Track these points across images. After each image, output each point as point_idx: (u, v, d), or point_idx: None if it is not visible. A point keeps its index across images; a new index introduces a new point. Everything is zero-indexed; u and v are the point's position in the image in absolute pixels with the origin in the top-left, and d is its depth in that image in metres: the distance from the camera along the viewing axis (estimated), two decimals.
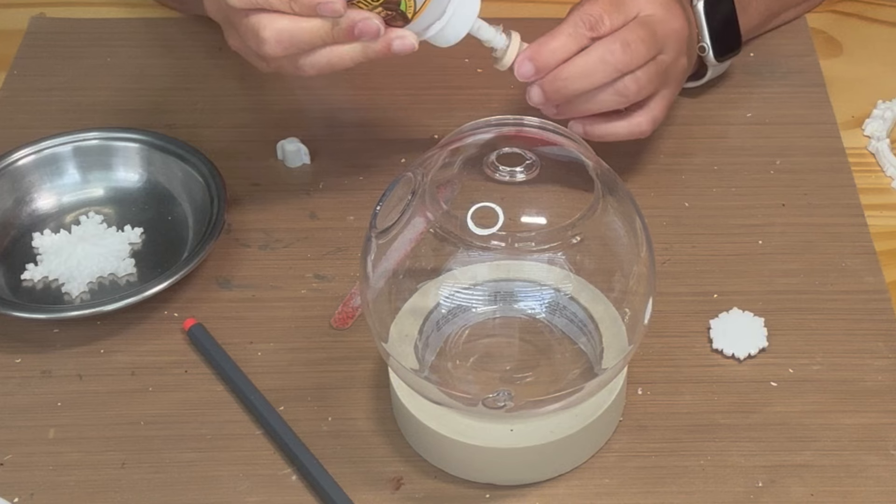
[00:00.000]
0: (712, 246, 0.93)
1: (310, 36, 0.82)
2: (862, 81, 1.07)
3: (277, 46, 0.82)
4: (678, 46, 0.92)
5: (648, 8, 0.90)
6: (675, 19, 0.91)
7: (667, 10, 0.91)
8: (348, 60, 0.84)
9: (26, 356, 0.87)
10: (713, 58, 1.00)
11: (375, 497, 0.78)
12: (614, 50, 0.87)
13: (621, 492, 0.79)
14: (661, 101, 0.93)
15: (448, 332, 0.81)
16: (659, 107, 0.93)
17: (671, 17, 0.91)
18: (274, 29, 0.82)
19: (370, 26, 0.81)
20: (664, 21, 0.90)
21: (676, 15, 0.91)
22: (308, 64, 0.84)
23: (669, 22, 0.90)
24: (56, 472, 0.80)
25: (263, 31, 0.82)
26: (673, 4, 0.92)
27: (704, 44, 1.00)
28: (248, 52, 0.86)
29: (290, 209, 0.97)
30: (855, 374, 0.85)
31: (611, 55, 0.87)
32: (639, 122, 0.92)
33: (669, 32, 0.91)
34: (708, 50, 1.00)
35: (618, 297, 0.79)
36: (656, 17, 0.90)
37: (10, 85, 1.08)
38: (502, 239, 0.73)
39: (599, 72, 0.88)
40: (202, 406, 0.84)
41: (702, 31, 0.99)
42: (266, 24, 0.82)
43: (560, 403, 0.76)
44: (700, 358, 0.86)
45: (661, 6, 0.90)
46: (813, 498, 0.78)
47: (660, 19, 0.90)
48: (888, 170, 0.99)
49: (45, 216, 0.95)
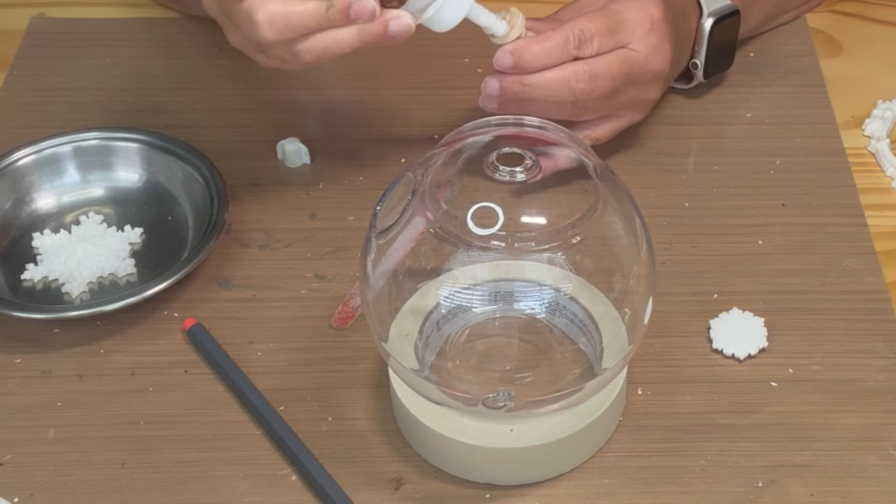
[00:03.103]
0: (712, 246, 0.93)
1: (304, 18, 0.82)
2: (862, 81, 1.07)
3: (271, 30, 0.82)
4: (652, 83, 0.94)
5: (638, 43, 0.91)
6: (658, 60, 0.92)
7: (654, 50, 0.91)
8: (345, 45, 0.83)
9: (26, 356, 0.87)
10: (702, 76, 1.01)
11: (375, 497, 0.78)
12: (581, 78, 0.89)
13: (621, 492, 0.79)
14: (609, 124, 0.95)
15: (448, 332, 0.81)
16: (604, 129, 0.95)
17: (655, 58, 0.92)
18: (267, 12, 0.81)
19: (365, 7, 0.81)
20: (646, 61, 0.91)
21: (662, 56, 0.92)
22: (305, 50, 0.83)
23: (651, 63, 0.92)
24: (56, 472, 0.80)
25: (256, 15, 0.81)
26: (663, 45, 0.92)
27: (698, 61, 1.00)
28: (248, 45, 0.85)
29: (290, 209, 0.97)
30: (855, 374, 0.85)
31: (575, 82, 0.89)
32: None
33: (646, 72, 0.92)
34: (699, 68, 1.00)
35: (618, 297, 0.79)
36: (640, 55, 0.91)
37: (10, 85, 1.08)
38: (502, 239, 0.73)
39: (560, 91, 0.89)
40: (202, 406, 0.84)
41: (700, 49, 0.99)
42: (259, 8, 0.81)
43: (560, 403, 0.76)
44: (700, 358, 0.86)
45: (651, 46, 0.91)
46: (813, 498, 0.78)
47: (643, 58, 0.91)
48: (888, 170, 0.99)
49: (45, 216, 0.95)
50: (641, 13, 0.91)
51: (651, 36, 0.91)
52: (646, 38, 0.91)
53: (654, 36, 0.91)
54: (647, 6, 0.91)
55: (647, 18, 0.91)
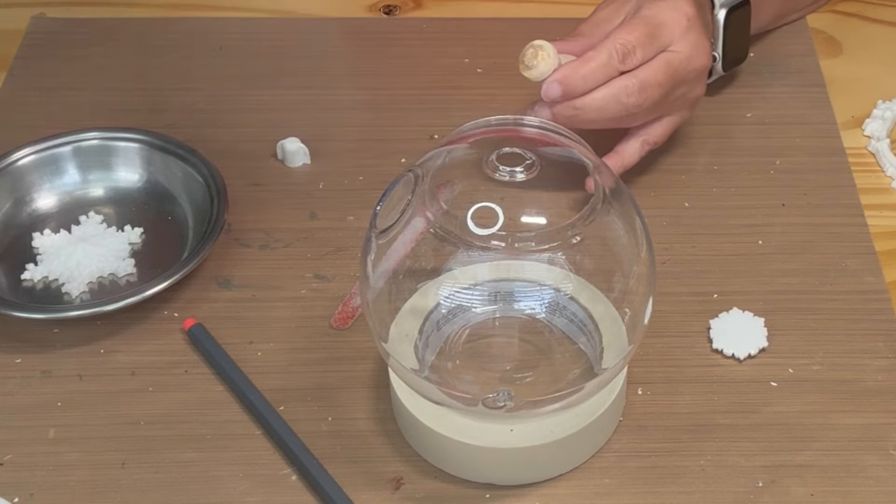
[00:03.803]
0: (712, 246, 0.93)
1: None
2: (862, 81, 1.07)
3: None
4: (697, 80, 0.94)
5: (678, 43, 0.91)
6: (700, 57, 0.92)
7: (695, 47, 0.92)
8: None
9: (26, 356, 0.87)
10: (721, 68, 1.01)
11: (375, 497, 0.78)
12: (631, 92, 0.89)
13: (621, 492, 0.79)
14: (661, 126, 0.95)
15: (448, 332, 0.81)
16: (657, 132, 0.95)
17: (697, 55, 0.92)
18: None
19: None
20: (689, 59, 0.91)
21: (703, 51, 0.93)
22: None
23: (693, 60, 0.92)
24: (56, 472, 0.80)
25: None
26: (702, 40, 0.93)
27: (716, 53, 1.00)
28: None
29: (290, 209, 0.96)
30: (855, 374, 0.85)
31: (626, 97, 0.89)
32: (631, 144, 0.94)
33: (691, 70, 0.92)
34: (718, 60, 1.00)
35: (618, 297, 0.79)
36: (682, 55, 0.91)
37: (10, 85, 1.08)
38: (502, 239, 0.73)
39: (611, 108, 0.89)
40: (202, 406, 0.84)
41: (717, 40, 0.99)
42: None
43: (560, 403, 0.76)
44: (700, 358, 0.86)
45: (691, 44, 0.91)
46: (813, 498, 0.78)
47: (685, 58, 0.91)
48: (888, 170, 0.99)
49: (45, 216, 0.95)
50: (677, 13, 0.91)
51: (689, 34, 0.91)
52: (685, 38, 0.91)
53: (692, 34, 0.91)
54: (680, 5, 0.91)
55: (683, 17, 0.91)
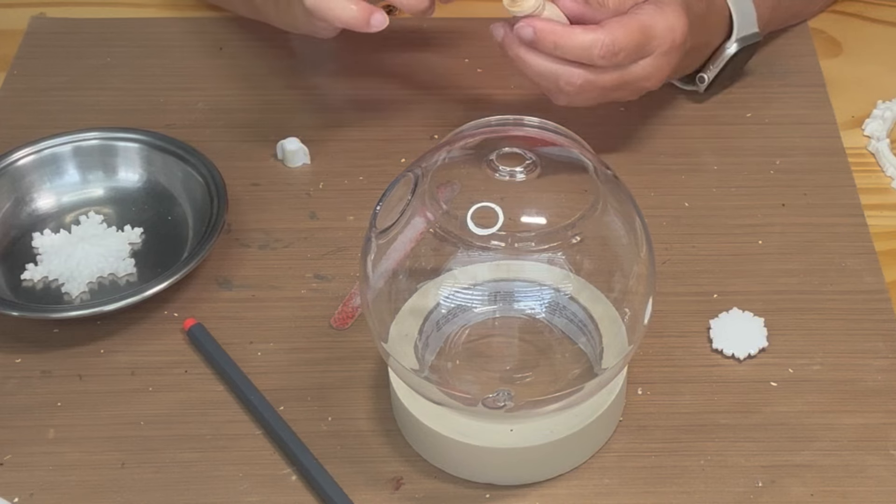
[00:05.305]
0: (712, 246, 0.93)
1: None
2: (862, 81, 1.07)
3: None
4: (635, 93, 0.94)
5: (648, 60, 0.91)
6: (653, 80, 0.93)
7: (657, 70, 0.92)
8: None
9: (26, 356, 0.87)
10: (702, 89, 1.02)
11: (375, 497, 0.78)
12: (572, 84, 0.90)
13: (621, 492, 0.79)
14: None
15: (448, 332, 0.81)
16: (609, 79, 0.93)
17: (652, 77, 0.92)
18: None
19: None
20: (644, 78, 0.92)
21: (660, 77, 0.93)
22: None
23: (645, 81, 0.92)
24: (56, 472, 0.80)
25: None
26: (667, 67, 0.92)
27: (706, 76, 1.00)
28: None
29: (290, 209, 0.97)
30: (855, 374, 0.85)
31: (566, 84, 0.90)
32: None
33: (638, 88, 0.93)
34: (705, 82, 1.01)
35: (618, 297, 0.79)
36: (642, 73, 0.91)
37: (10, 85, 1.08)
38: (502, 239, 0.73)
39: (550, 84, 0.91)
40: (202, 406, 0.84)
41: (714, 67, 1.00)
42: None
43: (560, 403, 0.76)
44: (700, 358, 0.86)
45: (655, 67, 0.91)
46: (813, 498, 0.78)
47: (642, 76, 0.92)
48: (888, 170, 0.99)
49: (45, 216, 0.95)
50: (670, 33, 0.90)
51: (662, 57, 0.91)
52: (657, 58, 0.91)
53: (664, 58, 0.91)
54: (679, 24, 0.91)
55: (670, 39, 0.90)
